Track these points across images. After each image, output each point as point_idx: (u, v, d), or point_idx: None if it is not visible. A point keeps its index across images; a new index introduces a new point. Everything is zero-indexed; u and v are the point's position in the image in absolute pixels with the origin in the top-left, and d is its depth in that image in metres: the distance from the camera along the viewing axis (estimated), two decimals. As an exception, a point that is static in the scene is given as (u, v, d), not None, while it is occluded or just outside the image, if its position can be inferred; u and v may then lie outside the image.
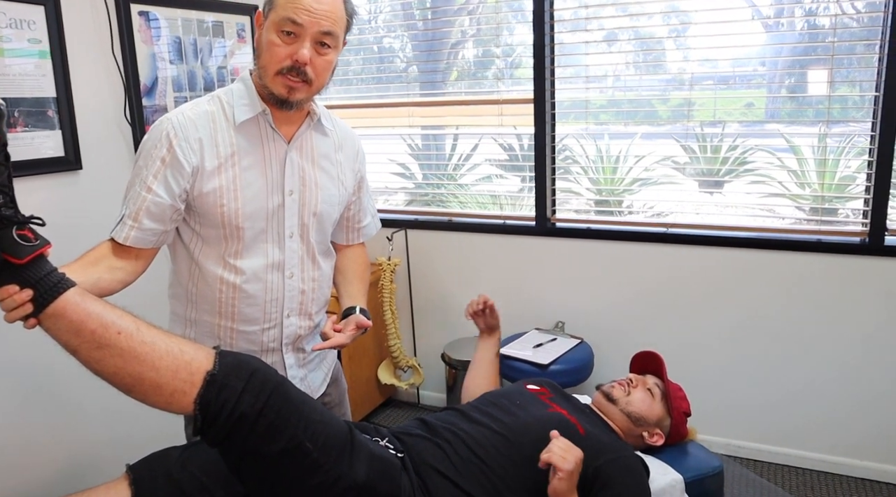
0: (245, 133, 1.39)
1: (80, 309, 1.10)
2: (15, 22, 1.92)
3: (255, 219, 1.40)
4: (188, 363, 1.13)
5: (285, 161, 1.42)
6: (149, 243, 1.36)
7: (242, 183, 1.38)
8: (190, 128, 1.35)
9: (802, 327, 2.47)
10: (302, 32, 1.30)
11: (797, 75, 2.49)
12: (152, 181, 1.33)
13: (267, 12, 1.33)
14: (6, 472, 1.97)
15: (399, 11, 3.05)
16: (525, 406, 1.55)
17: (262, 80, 1.36)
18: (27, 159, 1.97)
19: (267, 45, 1.32)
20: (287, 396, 1.20)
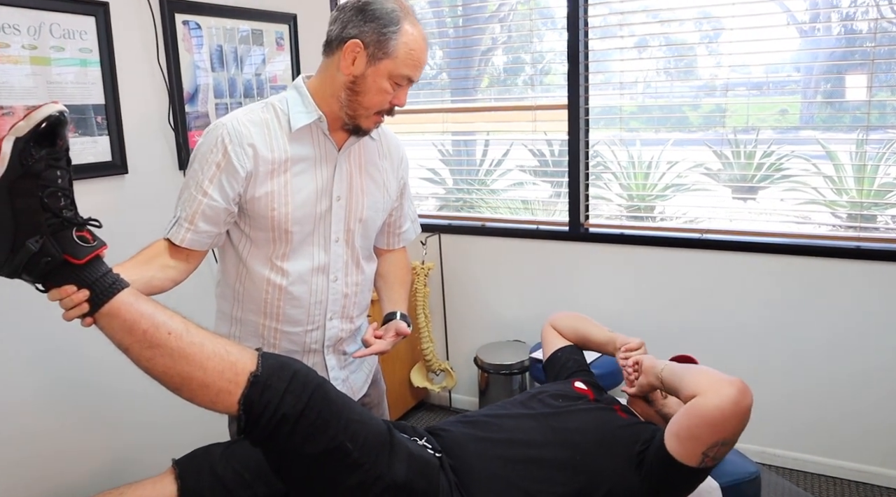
0: (299, 139, 1.43)
1: (134, 309, 1.13)
2: (67, 32, 1.99)
3: (304, 223, 1.45)
4: (233, 364, 1.16)
5: (335, 167, 1.46)
6: (203, 245, 1.42)
7: (293, 188, 1.42)
8: (244, 133, 1.39)
9: (841, 335, 2.44)
10: (409, 85, 1.42)
11: (833, 81, 2.47)
12: (208, 185, 1.38)
13: (378, 55, 1.36)
14: (52, 464, 2.03)
15: (431, 20, 3.09)
16: (570, 401, 1.58)
17: (352, 112, 1.41)
18: (77, 164, 2.02)
19: (376, 91, 1.38)
20: (327, 397, 1.22)
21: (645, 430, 1.48)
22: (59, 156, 1.10)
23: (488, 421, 1.52)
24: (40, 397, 2.00)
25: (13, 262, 1.08)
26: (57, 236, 1.09)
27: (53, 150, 1.08)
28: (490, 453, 1.41)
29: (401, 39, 1.35)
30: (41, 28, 1.92)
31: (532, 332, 2.92)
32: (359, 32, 1.35)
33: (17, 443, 1.93)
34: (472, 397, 3.12)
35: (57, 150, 1.09)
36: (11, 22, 1.85)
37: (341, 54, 1.37)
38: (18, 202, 1.06)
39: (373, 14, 1.35)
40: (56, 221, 1.08)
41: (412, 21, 1.38)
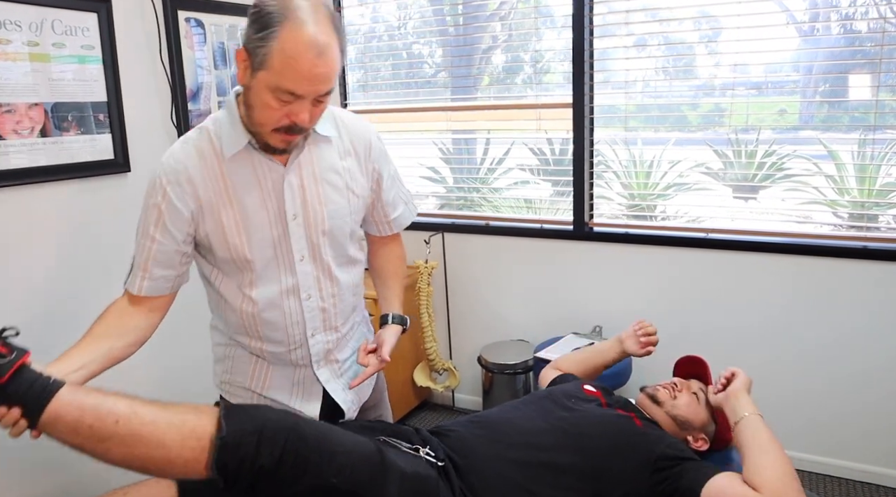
0: (237, 165, 1.32)
1: (74, 408, 1.07)
2: (69, 29, 1.96)
3: (262, 249, 1.37)
4: (192, 431, 1.12)
5: (283, 187, 1.35)
6: (164, 290, 1.37)
7: (243, 216, 1.34)
8: (180, 170, 1.31)
9: (845, 334, 2.45)
10: (301, 98, 1.21)
11: (832, 81, 2.47)
12: (154, 230, 1.32)
13: (255, 65, 1.20)
14: (53, 464, 2.01)
15: (430, 17, 3.07)
16: (581, 403, 1.57)
17: (255, 128, 1.28)
18: (79, 162, 2.01)
19: (261, 106, 1.22)
20: (304, 437, 1.18)
21: (661, 440, 1.47)
22: None
23: (499, 422, 1.51)
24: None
25: None
26: None
27: None
28: (501, 456, 1.40)
29: (275, 47, 1.16)
30: (43, 24, 1.90)
31: (536, 332, 2.92)
32: (245, 39, 1.21)
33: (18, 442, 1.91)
34: (476, 397, 3.11)
35: None
36: (13, 18, 1.83)
37: (236, 62, 1.25)
38: None
39: (254, 16, 1.19)
40: None
41: (298, 24, 1.16)
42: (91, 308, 2.02)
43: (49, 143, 1.93)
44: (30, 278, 1.92)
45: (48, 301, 1.97)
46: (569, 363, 1.90)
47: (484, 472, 1.37)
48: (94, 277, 2.08)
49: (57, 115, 1.94)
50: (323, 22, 1.18)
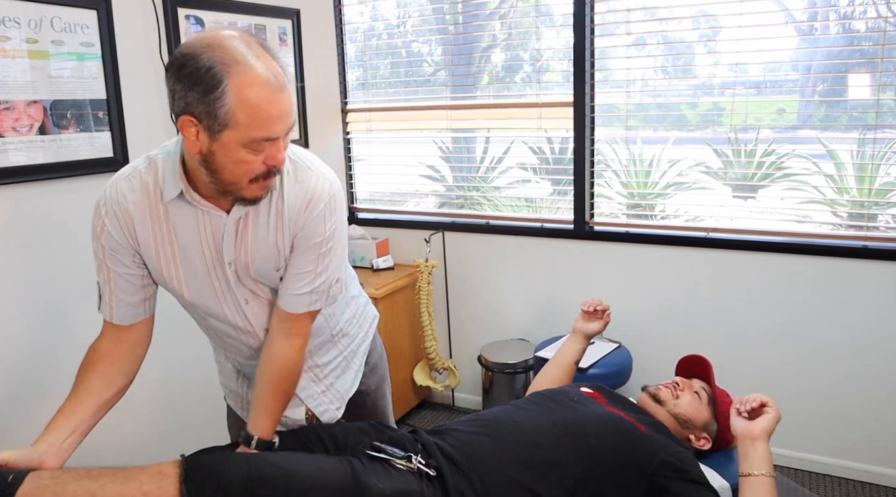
0: (178, 207, 1.25)
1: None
2: (69, 26, 1.95)
3: (203, 296, 1.33)
4: None
5: (223, 236, 1.27)
6: (137, 316, 1.33)
7: (183, 260, 1.29)
8: (121, 202, 1.25)
9: (846, 334, 2.45)
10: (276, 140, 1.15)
11: (831, 80, 2.47)
12: (104, 258, 1.29)
13: (215, 127, 1.09)
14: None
15: (430, 16, 3.07)
16: (583, 403, 1.56)
17: (219, 188, 1.19)
18: (78, 160, 1.99)
19: (233, 163, 1.13)
20: (271, 483, 1.15)
21: (666, 447, 1.46)
22: None
23: (500, 421, 1.50)
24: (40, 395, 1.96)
25: None
26: None
27: None
28: (502, 455, 1.39)
29: (233, 101, 1.07)
30: (42, 21, 1.88)
31: (536, 331, 2.91)
32: (185, 105, 1.09)
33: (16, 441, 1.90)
34: (476, 396, 3.11)
35: None
36: (12, 15, 1.81)
37: (181, 132, 1.14)
38: None
39: (190, 78, 1.07)
40: None
41: (245, 68, 1.07)
42: (90, 307, 2.02)
43: (48, 140, 1.91)
44: (29, 276, 1.91)
45: (47, 300, 1.95)
46: (542, 381, 1.87)
47: (485, 472, 1.36)
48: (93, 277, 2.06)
49: (56, 113, 1.93)
50: (263, 54, 1.11)
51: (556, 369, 1.89)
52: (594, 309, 1.90)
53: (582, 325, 1.91)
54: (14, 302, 1.88)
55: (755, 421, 1.45)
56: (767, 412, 1.46)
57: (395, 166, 3.21)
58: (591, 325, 1.90)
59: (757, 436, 1.42)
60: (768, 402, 1.48)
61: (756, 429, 1.43)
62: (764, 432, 1.42)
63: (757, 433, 1.42)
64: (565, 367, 1.89)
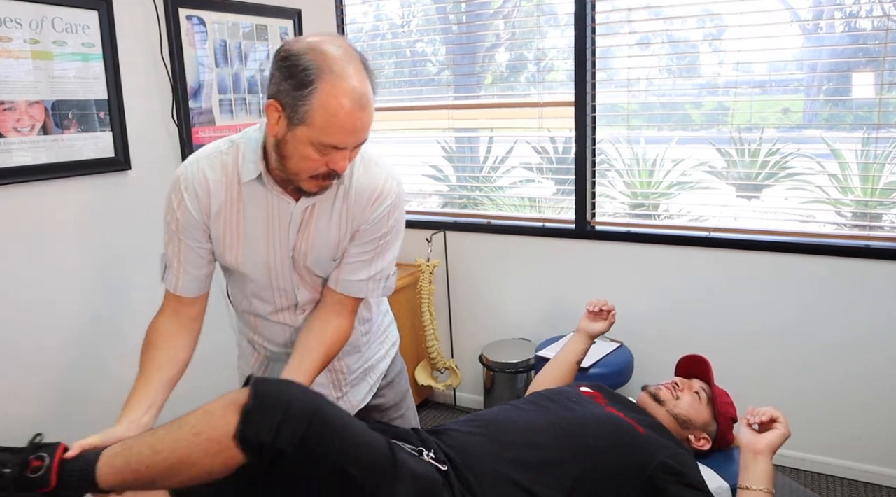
0: (253, 189, 1.34)
1: (113, 475, 1.13)
2: (70, 27, 1.96)
3: (257, 278, 1.41)
4: (209, 440, 1.11)
5: (289, 222, 1.36)
6: (198, 290, 1.41)
7: (245, 241, 1.37)
8: (201, 180, 1.33)
9: (849, 333, 2.43)
10: (343, 149, 1.22)
11: (837, 79, 2.45)
12: (177, 230, 1.36)
13: (294, 120, 1.18)
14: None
15: (434, 16, 3.07)
16: (582, 404, 1.55)
17: (282, 174, 1.28)
18: (79, 160, 2.01)
19: (300, 157, 1.22)
20: (327, 421, 1.16)
21: (665, 449, 1.45)
22: None
23: (498, 421, 1.50)
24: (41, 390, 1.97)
25: None
26: (19, 488, 1.09)
27: None
28: (499, 455, 1.39)
29: (316, 103, 1.15)
30: (43, 22, 1.89)
31: (538, 331, 2.91)
32: (276, 91, 1.19)
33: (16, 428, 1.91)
34: (477, 396, 3.11)
35: None
36: (13, 15, 1.82)
37: (266, 114, 1.23)
38: None
39: (288, 71, 1.17)
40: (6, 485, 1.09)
41: (337, 78, 1.15)
42: (91, 305, 2.04)
43: (49, 140, 1.93)
44: (30, 276, 1.92)
45: (48, 299, 1.97)
46: (543, 379, 1.86)
47: (481, 471, 1.36)
48: (94, 276, 2.08)
49: (57, 113, 1.94)
50: (359, 70, 1.18)
51: (557, 368, 1.88)
52: (599, 309, 1.90)
53: (586, 325, 1.91)
54: (16, 301, 1.89)
55: (762, 435, 1.43)
56: (777, 428, 1.44)
57: (399, 166, 3.20)
58: (595, 325, 1.90)
59: (760, 450, 1.40)
60: (779, 418, 1.45)
61: (760, 443, 1.41)
62: (768, 448, 1.40)
63: (760, 448, 1.40)
64: (567, 366, 1.88)
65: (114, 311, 2.13)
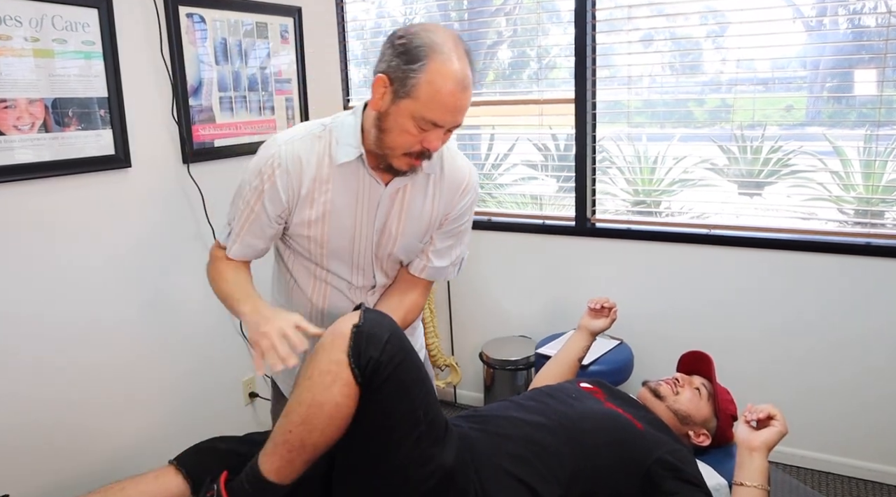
0: (345, 171, 1.40)
1: (269, 459, 1.22)
2: (70, 24, 1.97)
3: (338, 255, 1.48)
4: (324, 371, 1.19)
5: (378, 205, 1.43)
6: (248, 257, 1.50)
7: (332, 220, 1.42)
8: (295, 161, 1.38)
9: (850, 331, 2.42)
10: (439, 128, 1.30)
11: (840, 76, 2.44)
12: (255, 202, 1.41)
13: (400, 93, 1.26)
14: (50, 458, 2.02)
15: (435, 13, 3.06)
16: (581, 399, 1.55)
17: (383, 151, 1.34)
18: (79, 158, 2.01)
19: (399, 131, 1.29)
20: (417, 364, 1.25)
21: (662, 444, 1.45)
22: None
23: (497, 417, 1.50)
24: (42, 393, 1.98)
25: None
26: None
27: None
28: (498, 450, 1.40)
29: (423, 79, 1.24)
30: (43, 20, 1.90)
31: (538, 328, 2.91)
32: (386, 67, 1.28)
33: (17, 434, 1.92)
34: (478, 393, 3.11)
35: None
36: (13, 13, 1.83)
37: (372, 88, 1.32)
38: None
39: (401, 48, 1.27)
40: None
41: (445, 59, 1.24)
42: (91, 303, 2.05)
43: (49, 138, 1.93)
44: (29, 274, 1.93)
45: (48, 297, 1.98)
46: (545, 377, 1.86)
47: (480, 465, 1.36)
48: (94, 273, 2.09)
49: (57, 111, 1.95)
50: (464, 57, 1.27)
51: (559, 366, 1.89)
52: (601, 306, 1.90)
53: (588, 322, 1.91)
54: (16, 299, 1.90)
55: (758, 432, 1.43)
56: (774, 425, 1.43)
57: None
58: (597, 322, 1.90)
59: (756, 447, 1.40)
60: (777, 415, 1.44)
61: (756, 440, 1.41)
62: (764, 445, 1.40)
63: (756, 445, 1.40)
64: (569, 364, 1.89)
65: (114, 309, 2.14)
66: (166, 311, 2.31)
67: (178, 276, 2.34)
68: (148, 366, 2.26)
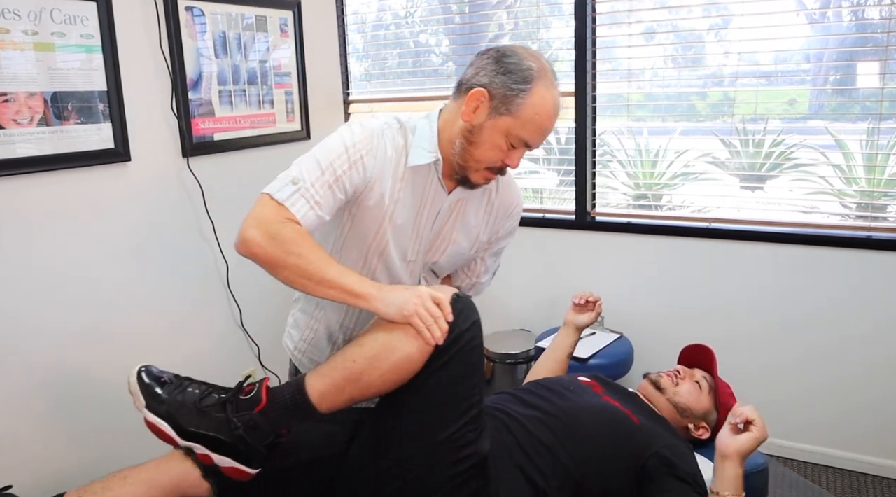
0: (415, 173, 1.41)
1: (319, 380, 1.24)
2: (69, 18, 1.96)
3: (391, 253, 1.46)
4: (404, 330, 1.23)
5: (438, 212, 1.45)
6: (309, 226, 1.36)
7: (394, 218, 1.42)
8: (383, 147, 1.38)
9: (851, 324, 2.41)
10: (526, 148, 1.36)
11: (844, 70, 2.42)
12: (342, 175, 1.35)
13: (500, 109, 1.31)
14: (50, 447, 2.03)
15: (437, 6, 3.05)
16: (579, 393, 1.56)
17: (463, 162, 1.37)
18: (79, 151, 2.01)
19: (490, 145, 1.34)
20: (483, 355, 1.32)
21: (659, 438, 1.45)
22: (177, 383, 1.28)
23: (496, 410, 1.51)
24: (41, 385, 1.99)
25: None
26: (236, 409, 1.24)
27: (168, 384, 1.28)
28: (496, 441, 1.40)
29: (528, 100, 1.30)
30: (41, 13, 1.90)
31: (537, 322, 2.90)
32: (488, 82, 1.32)
33: (17, 429, 1.93)
34: (478, 387, 3.11)
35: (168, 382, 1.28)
36: (11, 7, 1.83)
37: (465, 99, 1.34)
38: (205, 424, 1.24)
39: (507, 67, 1.31)
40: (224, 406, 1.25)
41: (548, 84, 1.32)
42: (90, 296, 2.05)
43: (49, 132, 1.94)
44: (29, 267, 1.93)
45: (47, 289, 1.98)
46: (535, 374, 1.86)
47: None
48: (93, 267, 2.09)
49: (56, 105, 1.95)
50: (557, 86, 1.35)
51: (550, 363, 1.88)
52: (585, 300, 1.89)
53: (573, 317, 1.89)
54: (17, 292, 1.91)
55: (734, 438, 1.33)
56: (751, 430, 1.33)
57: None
58: (582, 317, 1.89)
59: (728, 455, 1.32)
60: (756, 420, 1.33)
61: (729, 448, 1.32)
62: (736, 453, 1.31)
63: (728, 452, 1.32)
64: (558, 361, 1.88)
65: (113, 302, 2.15)
66: (166, 303, 2.32)
67: (177, 269, 2.34)
68: (148, 358, 2.26)
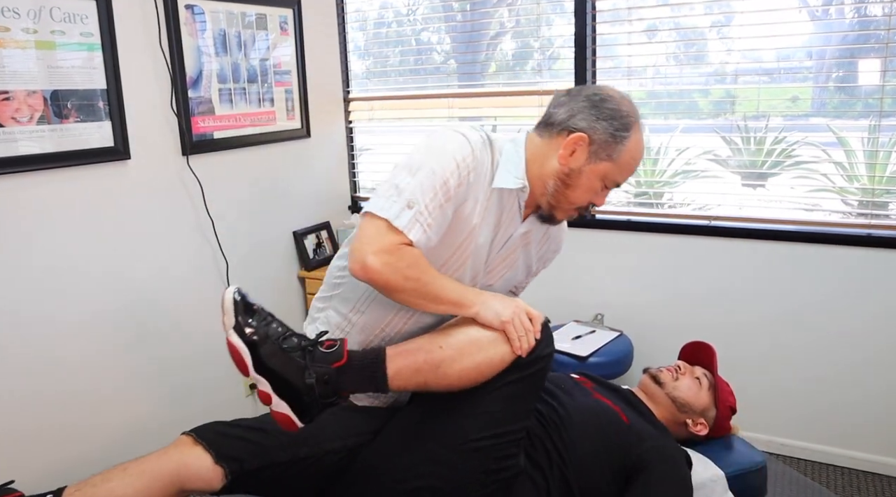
0: (498, 195, 1.38)
1: (400, 354, 1.26)
2: (69, 16, 1.97)
3: (460, 266, 1.40)
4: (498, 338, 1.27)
5: (510, 237, 1.44)
6: (422, 245, 1.32)
7: (472, 235, 1.37)
8: (483, 163, 1.34)
9: (851, 323, 2.40)
10: (615, 189, 1.41)
11: (846, 67, 2.41)
12: (453, 194, 1.29)
13: (601, 155, 1.32)
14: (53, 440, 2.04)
15: (438, 4, 3.05)
16: (571, 392, 1.56)
17: (552, 201, 1.38)
18: (78, 149, 2.02)
19: (587, 189, 1.35)
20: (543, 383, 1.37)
21: (647, 438, 1.46)
22: (264, 315, 1.25)
23: None
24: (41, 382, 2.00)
25: None
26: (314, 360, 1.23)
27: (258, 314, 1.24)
28: None
29: (628, 146, 1.33)
30: (41, 12, 1.90)
31: (538, 320, 2.90)
32: (589, 127, 1.32)
33: (18, 424, 1.94)
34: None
35: (258, 311, 1.25)
36: (11, 5, 1.83)
37: (562, 143, 1.33)
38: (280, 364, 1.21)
39: (609, 113, 1.32)
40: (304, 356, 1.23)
41: (639, 128, 1.36)
42: (90, 293, 2.06)
43: (48, 130, 1.94)
44: (29, 265, 1.94)
45: (48, 288, 1.99)
46: None
47: None
48: (93, 265, 2.10)
49: (56, 103, 1.95)
50: None
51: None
52: None
53: None
54: (19, 290, 1.91)
55: None
56: None
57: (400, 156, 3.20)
58: None
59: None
60: None
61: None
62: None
63: None
64: None
65: (113, 300, 2.15)
66: (165, 301, 2.33)
67: (177, 267, 2.35)
68: (147, 356, 2.27)
